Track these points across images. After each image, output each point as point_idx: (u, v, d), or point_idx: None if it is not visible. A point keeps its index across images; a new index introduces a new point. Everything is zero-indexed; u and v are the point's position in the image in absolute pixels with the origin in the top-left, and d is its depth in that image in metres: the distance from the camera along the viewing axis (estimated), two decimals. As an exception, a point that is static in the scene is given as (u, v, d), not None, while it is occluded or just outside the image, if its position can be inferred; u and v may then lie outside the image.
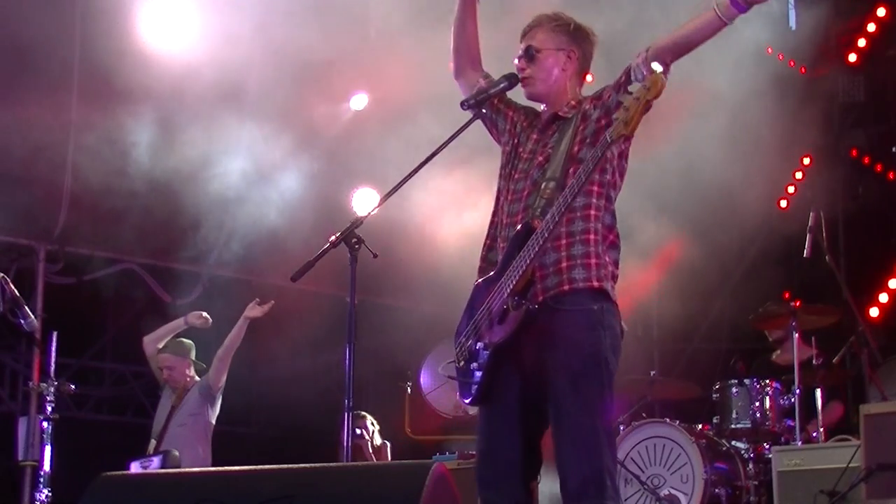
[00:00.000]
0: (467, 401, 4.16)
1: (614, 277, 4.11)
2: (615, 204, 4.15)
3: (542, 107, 4.32)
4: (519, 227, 4.04)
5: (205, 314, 7.70)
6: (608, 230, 4.10)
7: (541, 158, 4.15)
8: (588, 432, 3.92)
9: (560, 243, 4.00)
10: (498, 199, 4.27)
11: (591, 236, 4.02)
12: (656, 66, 3.87)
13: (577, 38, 4.23)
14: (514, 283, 3.95)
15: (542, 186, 4.05)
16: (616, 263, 4.13)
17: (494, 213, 4.27)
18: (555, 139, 4.16)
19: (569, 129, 4.12)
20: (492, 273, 4.12)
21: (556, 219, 3.89)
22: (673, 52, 4.00)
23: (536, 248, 3.91)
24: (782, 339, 7.70)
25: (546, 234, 3.90)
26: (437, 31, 7.44)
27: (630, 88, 3.87)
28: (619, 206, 4.18)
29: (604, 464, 3.93)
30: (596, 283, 4.00)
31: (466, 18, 4.40)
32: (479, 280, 4.18)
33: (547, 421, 4.05)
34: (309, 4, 7.68)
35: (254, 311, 7.49)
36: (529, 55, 4.22)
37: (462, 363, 4.13)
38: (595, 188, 4.04)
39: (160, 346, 7.72)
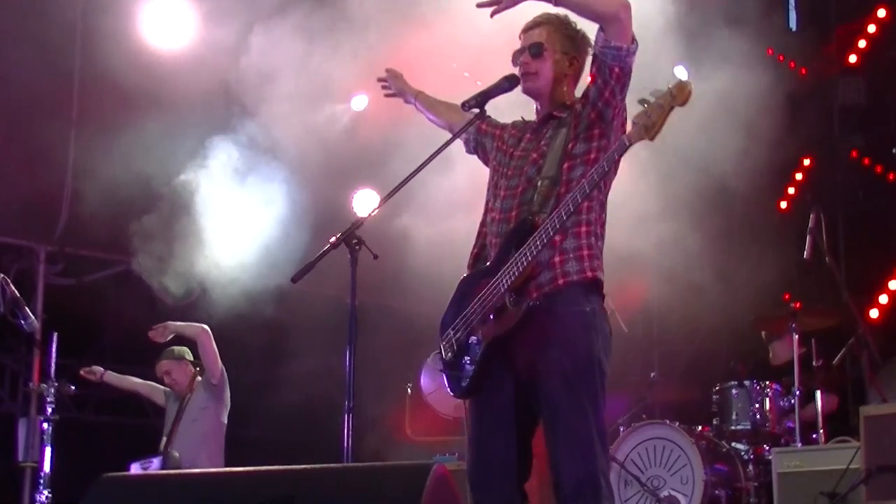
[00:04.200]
0: (456, 394, 4.20)
1: (601, 269, 4.14)
2: (608, 195, 4.19)
3: (534, 107, 4.36)
4: (513, 222, 4.08)
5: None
6: (597, 220, 4.14)
7: (535, 155, 4.20)
8: (582, 434, 3.93)
9: (554, 240, 4.02)
10: (486, 209, 4.32)
11: (583, 228, 4.07)
12: (681, 73, 3.92)
13: (581, 47, 4.28)
14: (513, 279, 3.97)
15: (539, 184, 4.09)
16: (601, 253, 4.16)
17: (482, 224, 4.32)
18: (549, 136, 4.20)
19: (563, 127, 4.17)
20: (484, 266, 4.15)
21: (565, 218, 3.90)
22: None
23: (540, 247, 3.93)
24: (772, 339, 7.73)
25: (551, 234, 3.92)
26: (437, 31, 7.48)
27: (651, 94, 3.84)
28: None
29: (598, 465, 3.94)
30: (590, 274, 4.04)
31: (426, 108, 4.77)
32: (467, 274, 4.22)
33: (537, 421, 4.07)
34: (310, 5, 7.68)
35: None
36: (536, 51, 4.26)
37: (450, 356, 4.15)
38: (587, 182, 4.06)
39: (137, 380, 8.00)
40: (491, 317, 4.02)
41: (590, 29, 4.28)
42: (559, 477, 3.95)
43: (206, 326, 7.54)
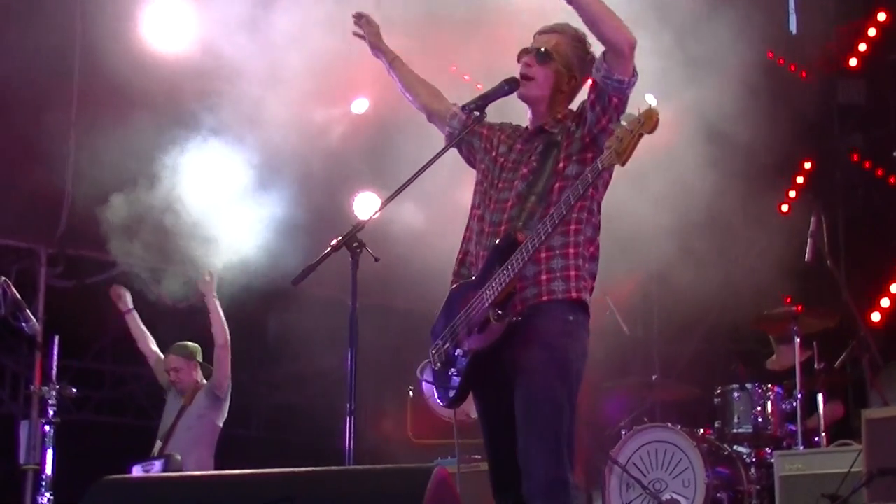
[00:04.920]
0: (443, 403, 4.27)
1: (590, 290, 4.17)
2: (599, 216, 4.19)
3: (527, 114, 4.35)
4: (499, 238, 4.08)
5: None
6: (589, 242, 4.16)
7: (525, 170, 4.20)
8: (555, 435, 3.99)
9: (540, 257, 4.05)
10: (472, 214, 4.33)
11: (571, 250, 4.10)
12: (651, 100, 3.93)
13: (584, 68, 4.26)
14: (496, 294, 3.99)
15: (526, 200, 4.10)
16: (594, 276, 4.20)
17: (467, 229, 4.34)
18: (540, 152, 4.20)
19: (554, 145, 4.17)
20: (471, 279, 4.16)
21: (543, 238, 3.92)
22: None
23: (521, 264, 3.95)
24: (781, 342, 7.71)
25: (531, 251, 3.94)
26: (438, 33, 7.48)
27: (623, 119, 3.87)
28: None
29: (566, 465, 4.00)
30: (574, 294, 4.08)
31: (401, 78, 4.70)
32: (456, 285, 4.24)
33: None
34: (310, 8, 7.68)
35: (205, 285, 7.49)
36: (542, 58, 4.24)
37: (439, 366, 4.21)
38: (576, 203, 4.05)
39: (155, 348, 7.81)
40: (475, 330, 4.05)
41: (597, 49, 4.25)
42: (532, 472, 3.99)
43: (229, 339, 7.46)
